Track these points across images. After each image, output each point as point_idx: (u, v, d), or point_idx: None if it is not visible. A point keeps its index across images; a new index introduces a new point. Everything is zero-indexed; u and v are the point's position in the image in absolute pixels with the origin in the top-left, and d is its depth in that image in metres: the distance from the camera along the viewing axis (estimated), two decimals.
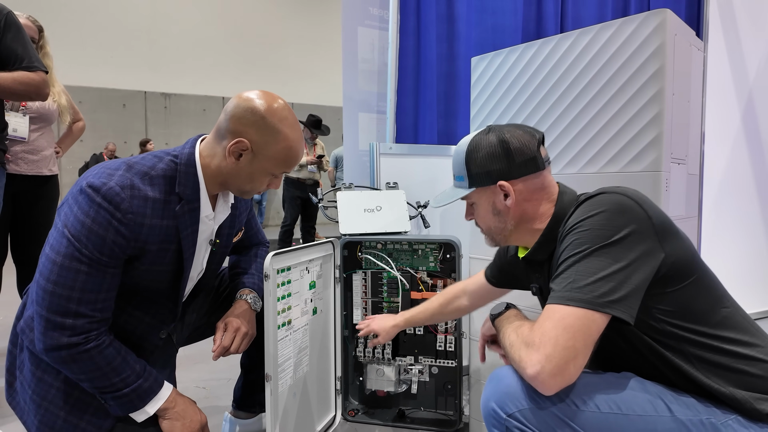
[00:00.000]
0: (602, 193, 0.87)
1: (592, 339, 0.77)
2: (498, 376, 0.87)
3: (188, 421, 1.08)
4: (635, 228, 0.81)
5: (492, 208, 0.98)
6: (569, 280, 0.80)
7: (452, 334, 1.65)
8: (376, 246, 1.72)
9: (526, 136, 0.94)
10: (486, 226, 1.02)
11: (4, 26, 1.62)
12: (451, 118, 2.32)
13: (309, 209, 4.62)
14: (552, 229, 0.93)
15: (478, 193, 0.98)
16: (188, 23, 8.73)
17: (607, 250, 0.80)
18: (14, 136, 1.98)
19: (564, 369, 0.75)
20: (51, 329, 0.95)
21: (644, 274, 0.79)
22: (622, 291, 0.77)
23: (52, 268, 0.95)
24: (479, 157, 0.95)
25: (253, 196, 1.17)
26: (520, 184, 0.94)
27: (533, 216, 0.96)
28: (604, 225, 0.81)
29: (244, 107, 1.03)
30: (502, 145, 0.94)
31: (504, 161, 0.93)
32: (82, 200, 0.96)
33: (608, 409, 0.79)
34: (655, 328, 0.83)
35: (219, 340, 1.17)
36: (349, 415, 1.72)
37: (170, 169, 1.04)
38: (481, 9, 2.22)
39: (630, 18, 1.17)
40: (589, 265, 0.80)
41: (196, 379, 2.05)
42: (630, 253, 0.79)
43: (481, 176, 0.96)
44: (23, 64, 1.64)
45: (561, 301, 0.79)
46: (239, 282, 1.33)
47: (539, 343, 0.77)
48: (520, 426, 0.80)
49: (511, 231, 0.99)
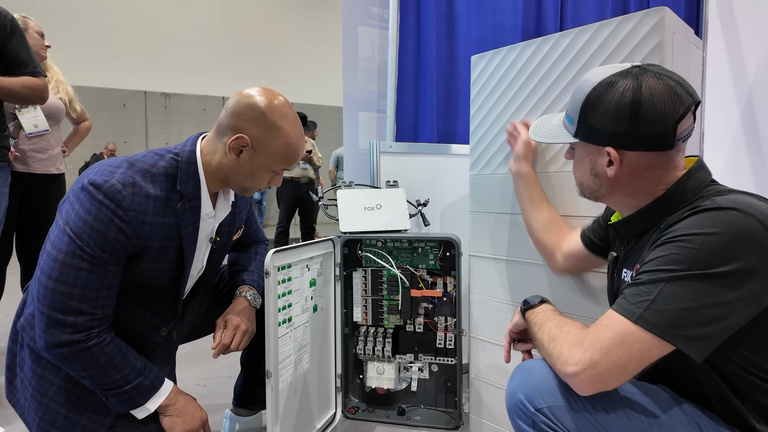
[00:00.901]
0: (735, 210, 0.70)
1: (647, 363, 0.71)
2: (528, 369, 0.84)
3: (189, 417, 1.08)
4: (751, 265, 0.68)
5: (591, 167, 0.86)
6: (648, 297, 0.71)
7: (452, 332, 1.65)
8: (376, 244, 1.72)
9: (669, 105, 0.76)
10: (579, 179, 0.92)
11: (9, 31, 1.66)
12: (450, 117, 2.32)
13: (305, 209, 4.59)
14: (654, 210, 0.81)
15: (581, 145, 0.87)
16: (188, 23, 8.73)
17: (706, 281, 0.68)
18: (36, 131, 2.00)
19: (606, 380, 0.71)
20: (52, 326, 0.96)
21: (739, 318, 0.69)
22: (704, 330, 0.68)
23: (53, 266, 0.95)
24: (599, 109, 0.80)
25: (254, 194, 1.18)
26: (634, 157, 0.80)
27: (636, 191, 0.83)
28: (715, 250, 0.68)
29: (244, 103, 1.03)
30: (632, 107, 0.76)
31: (626, 126, 0.77)
32: (84, 198, 0.96)
33: (640, 422, 0.75)
34: (722, 365, 0.75)
35: (219, 338, 1.17)
36: (350, 413, 1.72)
37: (171, 167, 1.05)
38: (481, 8, 2.23)
39: (629, 16, 1.17)
40: (679, 290, 0.69)
41: (196, 377, 2.05)
42: (733, 292, 0.68)
43: (593, 131, 0.82)
44: (28, 69, 1.71)
45: (629, 315, 0.71)
46: (239, 279, 1.33)
47: (588, 345, 0.72)
48: (548, 422, 0.78)
49: (605, 195, 0.88)
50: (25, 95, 1.71)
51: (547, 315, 0.88)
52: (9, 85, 1.66)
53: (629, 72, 0.80)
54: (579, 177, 0.91)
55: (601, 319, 0.76)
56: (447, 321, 1.66)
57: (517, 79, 1.41)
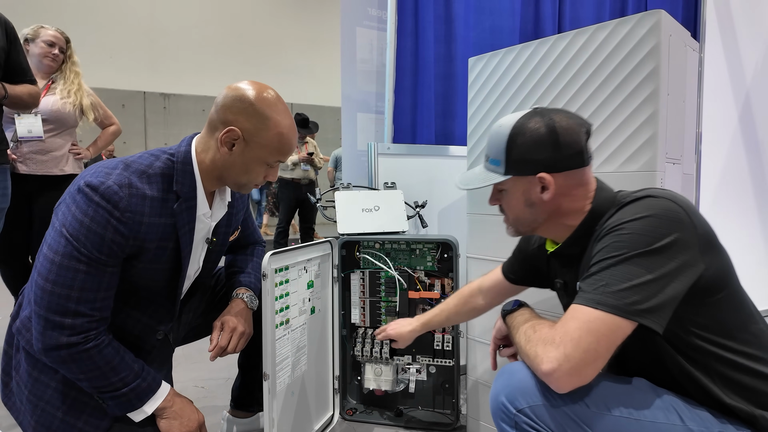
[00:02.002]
0: (650, 197, 0.82)
1: (615, 345, 0.75)
2: (509, 371, 0.85)
3: (186, 420, 1.08)
4: (679, 237, 0.77)
5: (525, 199, 0.92)
6: (602, 283, 0.77)
7: (450, 334, 1.65)
8: (374, 246, 1.72)
9: (576, 126, 0.87)
10: (514, 216, 0.96)
11: (12, 40, 1.75)
12: (448, 119, 2.32)
13: (305, 210, 4.59)
14: (587, 225, 0.89)
15: (513, 181, 0.92)
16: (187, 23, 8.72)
17: (646, 257, 0.76)
18: (29, 137, 2.07)
19: (582, 371, 0.74)
20: (50, 329, 0.95)
21: (681, 285, 0.77)
22: (655, 301, 0.75)
23: (50, 268, 0.95)
24: (523, 144, 0.88)
25: (250, 190, 1.17)
26: (562, 178, 0.88)
27: (568, 211, 0.91)
28: (647, 231, 0.78)
29: (233, 96, 1.03)
30: (550, 134, 0.86)
31: (550, 152, 0.86)
32: (80, 199, 0.96)
33: (620, 413, 0.77)
34: (682, 339, 0.81)
35: (215, 341, 1.17)
36: (347, 414, 1.72)
37: (167, 167, 1.05)
38: (478, 10, 2.23)
39: (625, 19, 1.17)
40: (626, 270, 0.76)
41: (194, 379, 2.05)
42: (670, 263, 0.76)
43: (521, 164, 0.89)
44: (27, 78, 1.84)
45: (590, 303, 0.77)
46: (235, 281, 1.33)
47: (560, 341, 0.76)
48: (529, 422, 0.79)
49: (541, 224, 0.94)
50: (29, 102, 1.85)
51: (524, 317, 0.92)
52: (20, 94, 1.79)
53: (534, 112, 0.91)
54: (514, 214, 0.96)
55: (566, 314, 0.80)
56: None
57: (514, 80, 1.41)
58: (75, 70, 2.29)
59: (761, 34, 2.36)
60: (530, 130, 0.88)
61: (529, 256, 1.12)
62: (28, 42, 2.17)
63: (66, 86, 2.22)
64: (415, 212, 1.90)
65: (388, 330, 1.40)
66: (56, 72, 2.25)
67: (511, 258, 1.19)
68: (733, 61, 2.29)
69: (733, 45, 2.27)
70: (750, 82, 2.34)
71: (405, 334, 1.35)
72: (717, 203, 2.26)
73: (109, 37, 8.11)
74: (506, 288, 1.21)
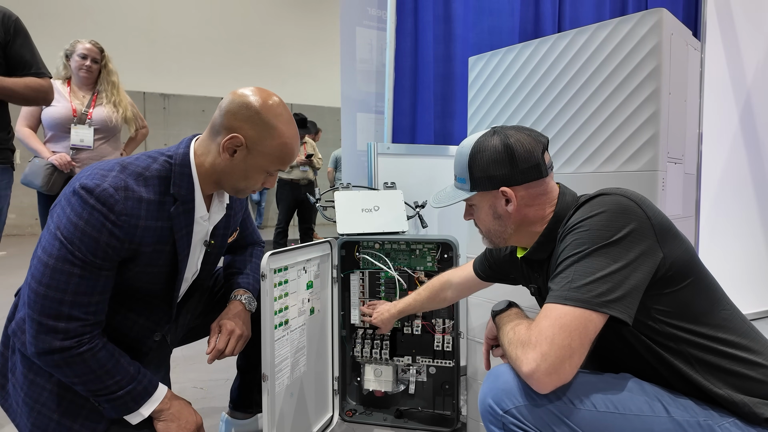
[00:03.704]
0: (602, 195, 0.87)
1: (589, 339, 0.77)
2: (495, 374, 0.87)
3: (183, 422, 1.07)
4: (634, 228, 0.81)
5: (493, 212, 0.98)
6: (567, 279, 0.81)
7: (450, 334, 1.65)
8: (373, 246, 1.71)
9: (531, 141, 0.93)
10: (486, 229, 1.02)
11: (13, 32, 1.69)
12: (448, 119, 2.32)
13: (304, 210, 4.58)
14: (552, 229, 0.94)
15: (479, 197, 0.99)
16: (187, 24, 8.72)
17: (606, 250, 0.80)
18: (80, 145, 2.31)
19: (559, 368, 0.75)
20: (43, 333, 0.94)
21: (643, 274, 0.80)
22: (620, 291, 0.77)
23: (44, 271, 0.94)
24: (482, 161, 0.95)
25: (248, 195, 1.17)
26: (522, 191, 0.94)
27: (534, 220, 0.96)
28: (603, 225, 0.82)
29: (238, 103, 1.02)
30: (506, 151, 0.93)
31: (507, 167, 0.93)
32: (75, 202, 0.94)
33: (605, 408, 0.79)
34: (653, 328, 0.83)
35: (213, 343, 1.16)
36: (347, 416, 1.71)
37: (165, 170, 1.04)
38: (478, 10, 2.22)
39: (626, 17, 1.17)
40: (588, 264, 0.80)
41: (193, 380, 2.04)
42: (629, 253, 0.79)
43: (484, 181, 0.96)
44: (32, 71, 1.73)
45: (559, 300, 0.79)
46: (234, 282, 1.32)
47: (535, 341, 0.77)
48: (517, 422, 0.80)
49: (511, 234, 0.99)
50: (29, 96, 1.74)
51: (509, 318, 0.94)
52: (11, 85, 1.67)
53: (492, 131, 0.97)
54: (485, 227, 1.02)
55: (539, 314, 0.82)
56: (445, 323, 1.65)
57: (514, 80, 1.40)
58: (111, 80, 2.42)
59: (762, 34, 2.35)
60: (488, 149, 0.94)
61: (500, 260, 1.18)
62: (68, 57, 2.33)
63: (110, 97, 2.39)
64: (415, 212, 1.89)
65: (373, 320, 1.50)
66: (96, 83, 2.41)
67: (483, 258, 1.25)
68: (733, 61, 2.28)
69: (733, 45, 2.27)
70: (751, 82, 2.34)
71: (385, 320, 1.47)
72: (718, 202, 2.25)
73: (108, 37, 8.07)
74: (476, 284, 1.29)
